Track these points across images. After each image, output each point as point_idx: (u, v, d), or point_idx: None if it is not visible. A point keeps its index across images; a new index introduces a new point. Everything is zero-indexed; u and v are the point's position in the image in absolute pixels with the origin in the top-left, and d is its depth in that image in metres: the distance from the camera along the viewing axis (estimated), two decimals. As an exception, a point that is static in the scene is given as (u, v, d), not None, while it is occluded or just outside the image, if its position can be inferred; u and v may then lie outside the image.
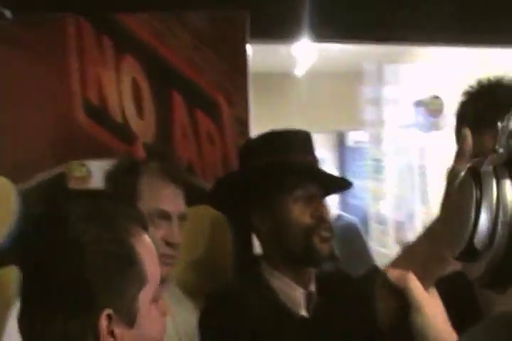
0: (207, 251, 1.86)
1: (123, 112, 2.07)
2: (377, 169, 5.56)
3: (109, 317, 0.86)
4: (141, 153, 2.03)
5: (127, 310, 0.88)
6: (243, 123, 2.11)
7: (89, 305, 0.86)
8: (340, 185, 1.61)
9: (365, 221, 5.17)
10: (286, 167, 1.47)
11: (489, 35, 2.63)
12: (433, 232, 0.91)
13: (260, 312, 1.35)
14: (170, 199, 1.49)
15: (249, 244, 1.88)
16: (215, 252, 1.87)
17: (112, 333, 0.87)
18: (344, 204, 5.72)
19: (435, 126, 4.21)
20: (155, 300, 0.93)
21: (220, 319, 1.33)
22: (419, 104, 4.34)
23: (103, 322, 0.85)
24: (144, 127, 2.08)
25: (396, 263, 0.98)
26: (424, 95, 4.72)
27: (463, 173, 0.65)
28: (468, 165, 0.66)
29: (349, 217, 4.01)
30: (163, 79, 2.10)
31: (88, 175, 1.95)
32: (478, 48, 2.96)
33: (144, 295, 0.90)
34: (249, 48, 2.19)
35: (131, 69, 2.10)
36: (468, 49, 3.22)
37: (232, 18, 2.17)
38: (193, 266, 1.79)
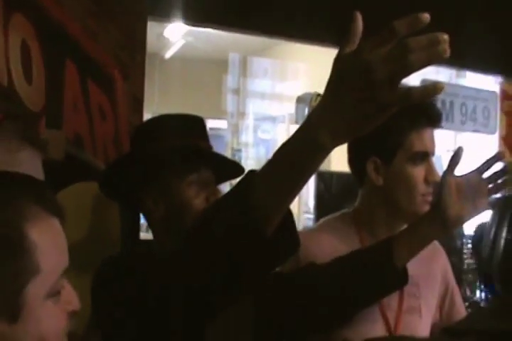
0: (94, 230, 1.78)
1: (9, 75, 1.91)
2: (236, 159, 5.64)
3: None
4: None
5: (9, 303, 0.78)
6: (137, 100, 2.05)
7: None
8: (233, 170, 1.62)
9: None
10: (180, 152, 1.46)
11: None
12: (310, 120, 0.87)
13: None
14: (25, 162, 1.39)
15: (137, 230, 1.84)
16: (102, 231, 1.81)
17: None
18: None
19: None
20: (52, 294, 0.83)
21: (110, 280, 1.29)
22: (301, 100, 4.47)
23: None
24: (31, 93, 1.93)
25: (268, 163, 0.93)
26: (295, 90, 4.87)
27: None
28: None
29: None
30: (57, 45, 1.96)
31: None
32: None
33: (34, 288, 0.80)
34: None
35: (21, 30, 1.94)
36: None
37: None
38: (79, 244, 1.71)
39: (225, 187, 1.58)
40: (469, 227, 4.41)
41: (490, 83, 3.80)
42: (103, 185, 1.55)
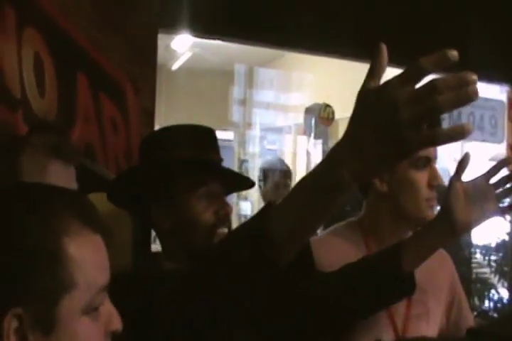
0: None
1: (22, 88, 1.94)
2: (243, 169, 5.65)
3: (19, 318, 0.77)
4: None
5: (44, 315, 0.79)
6: (149, 113, 2.07)
7: None
8: (243, 183, 1.62)
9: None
10: (190, 164, 1.44)
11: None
12: (331, 156, 0.85)
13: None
14: (55, 178, 1.39)
15: (148, 241, 1.84)
16: (114, 242, 1.81)
17: (25, 338, 0.78)
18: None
19: (325, 134, 4.38)
20: (88, 310, 0.82)
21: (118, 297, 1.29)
22: (309, 110, 4.49)
23: (9, 321, 0.77)
24: (44, 106, 1.96)
25: (287, 197, 0.92)
26: (302, 101, 4.90)
27: None
28: None
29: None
30: (69, 58, 1.99)
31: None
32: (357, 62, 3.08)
33: (70, 303, 0.80)
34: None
35: (33, 43, 1.97)
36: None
37: (144, 4, 2.12)
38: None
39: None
40: (478, 237, 4.42)
41: (497, 92, 3.81)
42: (111, 194, 1.52)
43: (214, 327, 1.06)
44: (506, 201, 1.48)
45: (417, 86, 0.74)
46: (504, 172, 1.33)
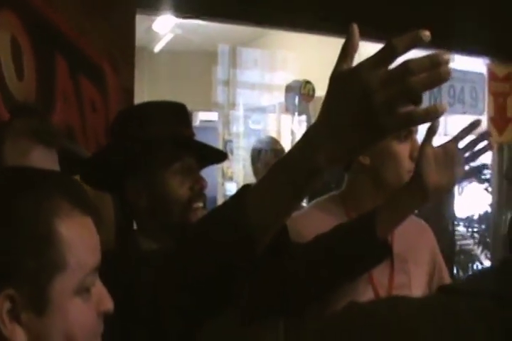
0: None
1: (0, 71, 1.93)
2: (228, 149, 5.66)
3: (11, 298, 0.78)
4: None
5: (36, 295, 0.80)
6: (128, 92, 2.07)
7: None
8: (216, 157, 1.62)
9: (213, 201, 5.25)
10: (161, 140, 1.44)
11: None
12: (307, 140, 0.84)
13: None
14: (38, 162, 1.39)
15: (130, 221, 1.86)
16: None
17: (18, 318, 0.79)
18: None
19: (306, 110, 4.38)
20: (80, 291, 0.83)
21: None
22: (290, 88, 4.49)
23: (1, 302, 0.78)
24: (23, 89, 1.96)
25: (262, 181, 0.92)
26: (285, 80, 4.89)
27: None
28: None
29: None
30: (47, 40, 1.98)
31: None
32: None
33: (61, 283, 0.81)
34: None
35: (10, 26, 1.96)
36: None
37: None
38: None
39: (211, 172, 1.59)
40: (461, 210, 4.47)
41: (478, 65, 3.82)
42: (85, 174, 1.50)
43: (194, 308, 1.06)
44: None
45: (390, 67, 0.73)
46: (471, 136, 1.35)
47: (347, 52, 0.78)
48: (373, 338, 0.51)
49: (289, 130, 4.90)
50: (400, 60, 0.73)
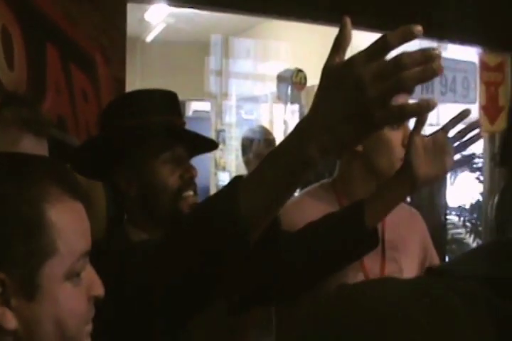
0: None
1: (-10, 61, 1.93)
2: (220, 139, 5.65)
3: (2, 283, 0.79)
4: None
5: (26, 280, 0.80)
6: (119, 81, 2.07)
7: None
8: (206, 145, 1.62)
9: (206, 190, 5.26)
10: (151, 129, 1.43)
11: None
12: (299, 132, 0.85)
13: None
14: (28, 151, 1.38)
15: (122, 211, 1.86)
16: (88, 212, 1.82)
17: (8, 303, 0.79)
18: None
19: (298, 99, 4.38)
20: (70, 276, 0.84)
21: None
22: (281, 77, 4.49)
23: None
24: (14, 79, 1.95)
25: (254, 172, 0.93)
26: (278, 69, 4.89)
27: None
28: None
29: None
30: (37, 29, 1.98)
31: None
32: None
33: (51, 269, 0.81)
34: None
35: (1, 16, 1.95)
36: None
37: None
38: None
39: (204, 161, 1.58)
40: (453, 199, 4.49)
41: (470, 54, 3.83)
42: (75, 162, 1.48)
43: (185, 299, 1.07)
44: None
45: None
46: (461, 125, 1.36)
47: (339, 45, 0.79)
48: (361, 322, 0.51)
49: (282, 119, 4.90)
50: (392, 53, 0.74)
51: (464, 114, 1.34)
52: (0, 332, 0.79)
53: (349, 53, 0.78)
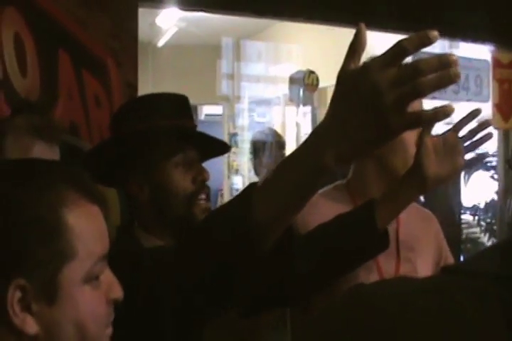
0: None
1: (4, 68, 1.95)
2: (233, 143, 5.66)
3: (22, 288, 0.79)
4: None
5: (47, 285, 0.81)
6: (131, 86, 2.08)
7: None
8: (218, 148, 1.62)
9: (220, 194, 5.26)
10: (162, 131, 1.42)
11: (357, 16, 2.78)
12: (315, 138, 0.84)
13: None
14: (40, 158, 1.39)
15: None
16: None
17: (29, 308, 0.80)
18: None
19: (310, 101, 4.38)
20: (89, 279, 0.84)
21: None
22: (293, 79, 4.49)
23: (12, 293, 0.78)
24: (27, 86, 1.97)
25: (269, 179, 0.91)
26: (289, 72, 4.90)
27: None
28: None
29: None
30: (50, 36, 2.00)
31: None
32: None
33: (70, 272, 0.82)
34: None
35: (13, 23, 1.97)
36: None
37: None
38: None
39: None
40: (468, 198, 4.46)
41: (482, 52, 3.80)
42: (87, 168, 1.45)
43: (198, 305, 1.07)
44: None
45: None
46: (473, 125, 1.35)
47: (355, 50, 0.78)
48: (373, 321, 0.51)
49: (294, 122, 4.90)
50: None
51: (475, 113, 1.33)
52: (21, 338, 0.80)
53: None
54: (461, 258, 3.45)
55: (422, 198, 1.57)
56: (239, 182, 5.60)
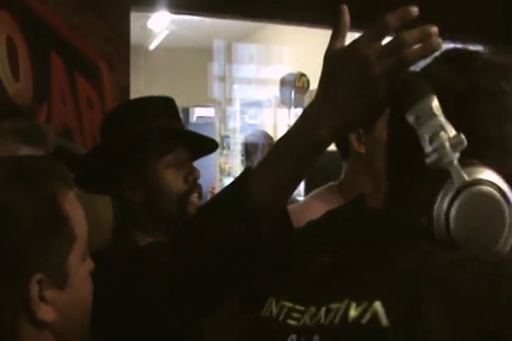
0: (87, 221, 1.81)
1: (-4, 72, 1.95)
2: (225, 145, 5.67)
3: (39, 282, 0.82)
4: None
5: (58, 272, 0.85)
6: (124, 89, 2.09)
7: (18, 270, 0.81)
8: (208, 146, 1.61)
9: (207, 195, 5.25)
10: (152, 132, 1.43)
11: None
12: (306, 117, 0.87)
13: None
14: None
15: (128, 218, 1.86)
16: (94, 222, 1.83)
17: (43, 298, 0.82)
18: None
19: (301, 103, 4.40)
20: (83, 258, 0.89)
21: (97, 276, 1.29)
22: (284, 81, 4.51)
23: (33, 288, 0.81)
24: (19, 89, 1.97)
25: (265, 159, 0.93)
26: (281, 74, 4.91)
27: None
28: None
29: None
30: (42, 39, 2.00)
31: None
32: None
33: (74, 255, 0.87)
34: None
35: (6, 26, 1.97)
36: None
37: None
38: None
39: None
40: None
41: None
42: (79, 178, 1.41)
43: (195, 298, 1.06)
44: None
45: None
46: None
47: (339, 31, 0.84)
48: None
49: (286, 124, 4.91)
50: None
51: None
52: (38, 327, 0.83)
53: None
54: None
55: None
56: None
